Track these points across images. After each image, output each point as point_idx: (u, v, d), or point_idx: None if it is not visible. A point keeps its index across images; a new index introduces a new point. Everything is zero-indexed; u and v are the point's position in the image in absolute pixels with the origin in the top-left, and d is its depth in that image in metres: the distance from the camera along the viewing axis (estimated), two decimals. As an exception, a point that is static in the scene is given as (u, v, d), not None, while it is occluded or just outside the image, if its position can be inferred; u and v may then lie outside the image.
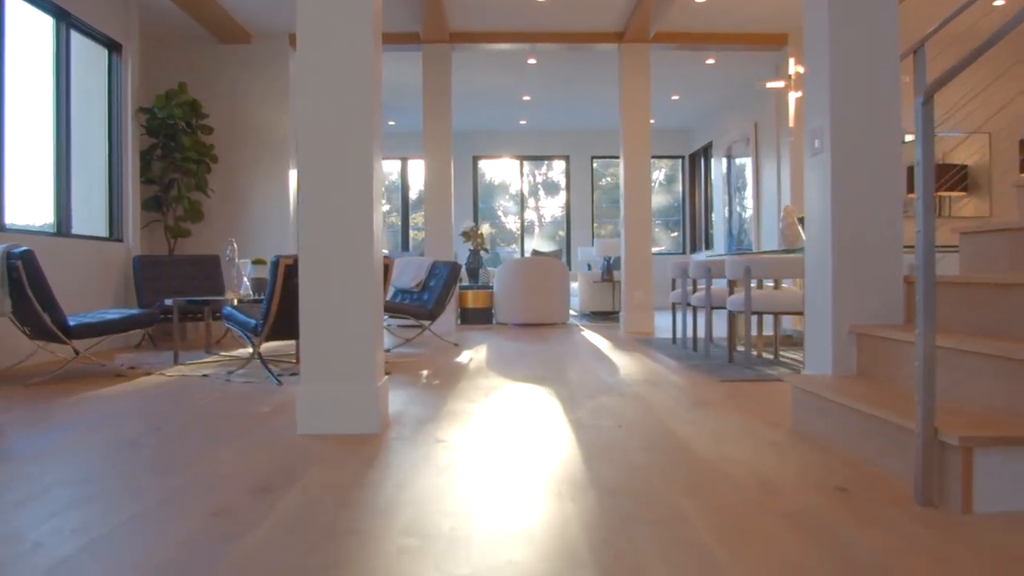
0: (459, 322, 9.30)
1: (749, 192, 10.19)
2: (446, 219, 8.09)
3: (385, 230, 14.02)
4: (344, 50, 3.03)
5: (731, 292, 5.31)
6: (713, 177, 12.23)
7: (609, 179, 13.97)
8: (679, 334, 6.92)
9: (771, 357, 5.50)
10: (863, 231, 3.09)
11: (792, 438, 2.87)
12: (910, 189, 8.43)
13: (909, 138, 8.73)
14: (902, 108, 3.12)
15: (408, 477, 2.36)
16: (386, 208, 14.00)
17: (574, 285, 10.16)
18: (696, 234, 13.43)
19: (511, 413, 3.44)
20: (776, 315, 5.28)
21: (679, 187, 13.95)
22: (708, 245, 12.80)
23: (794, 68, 5.89)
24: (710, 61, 9.14)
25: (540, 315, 8.94)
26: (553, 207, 13.99)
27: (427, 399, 3.87)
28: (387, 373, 4.85)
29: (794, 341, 6.54)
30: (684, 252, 13.69)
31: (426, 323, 6.63)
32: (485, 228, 13.88)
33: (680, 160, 13.80)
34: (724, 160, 11.49)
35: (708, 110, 11.88)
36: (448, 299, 6.56)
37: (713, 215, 12.46)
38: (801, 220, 5.50)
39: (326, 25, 3.04)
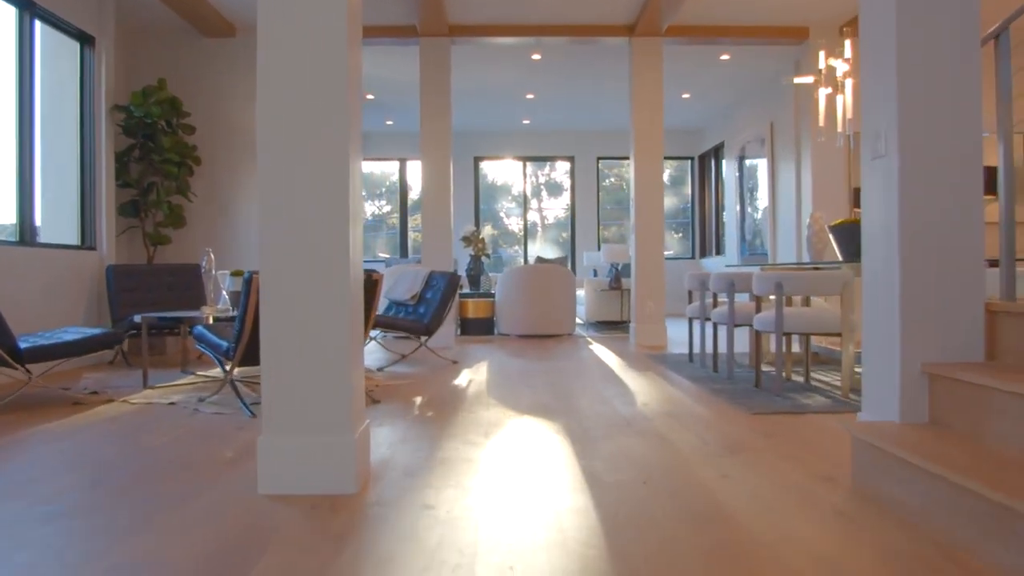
0: (459, 333, 8.80)
1: (764, 195, 9.67)
2: (445, 223, 7.59)
3: (383, 233, 13.52)
4: (313, 42, 2.53)
5: (757, 308, 4.80)
6: (724, 179, 11.72)
7: (612, 179, 13.45)
8: (696, 349, 6.41)
9: (801, 379, 4.98)
10: (937, 248, 2.59)
11: (857, 504, 2.36)
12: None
13: None
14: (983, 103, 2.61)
15: (386, 569, 1.85)
16: (387, 209, 13.50)
17: (580, 293, 9.66)
18: (706, 238, 12.91)
19: (514, 462, 2.93)
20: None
21: (688, 189, 13.43)
22: (719, 250, 12.29)
23: (824, 62, 5.38)
24: (724, 57, 8.63)
25: (545, 326, 8.44)
26: (556, 208, 13.48)
27: (418, 439, 3.36)
28: (375, 400, 4.34)
29: (822, 359, 6.03)
30: (693, 256, 13.17)
31: (422, 338, 6.12)
32: (487, 229, 13.39)
33: (689, 161, 13.29)
34: (736, 161, 10.97)
35: (720, 109, 11.37)
36: (446, 313, 6.06)
37: (724, 218, 11.94)
38: (836, 228, 5.00)
39: (291, 13, 2.53)
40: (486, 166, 13.32)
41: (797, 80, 5.71)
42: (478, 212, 13.12)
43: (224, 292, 5.42)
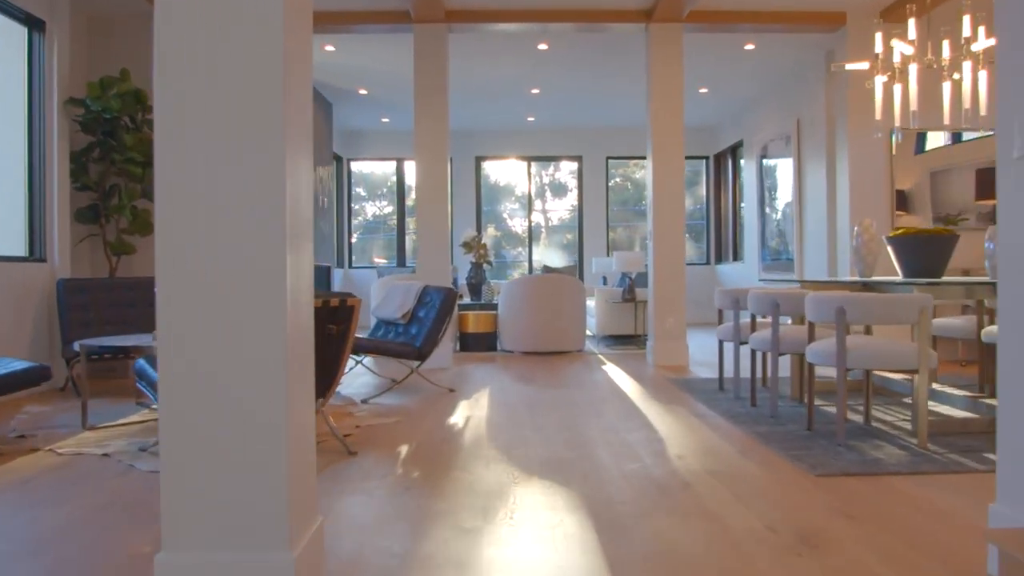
0: (458, 348, 8.04)
1: (790, 198, 8.90)
2: (442, 229, 6.83)
3: (382, 235, 12.77)
4: (234, 25, 1.78)
5: (810, 336, 4.04)
6: (744, 180, 10.95)
7: (618, 179, 12.68)
8: (724, 370, 5.65)
9: (859, 419, 4.22)
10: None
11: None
12: (980, 194, 7.16)
13: (940, 139, 7.48)
14: None
15: None
16: (388, 210, 12.75)
17: (589, 303, 8.90)
18: (722, 243, 12.14)
19: (520, 566, 2.18)
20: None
21: (702, 190, 12.66)
22: (736, 255, 11.52)
23: (881, 45, 4.62)
24: (749, 47, 7.87)
25: (552, 342, 7.68)
26: (561, 210, 12.74)
27: (397, 519, 2.61)
28: (351, 452, 3.59)
29: (878, 390, 5.26)
30: (708, 262, 12.40)
31: (415, 364, 5.37)
32: (490, 230, 12.64)
33: (704, 161, 12.52)
34: (756, 161, 10.21)
35: (740, 105, 10.60)
36: (441, 334, 5.31)
37: (743, 222, 11.18)
38: (898, 240, 4.23)
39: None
40: (488, 166, 12.56)
41: (849, 66, 4.94)
42: (480, 215, 12.36)
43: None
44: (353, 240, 12.53)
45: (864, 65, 4.70)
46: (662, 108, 6.84)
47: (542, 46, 7.80)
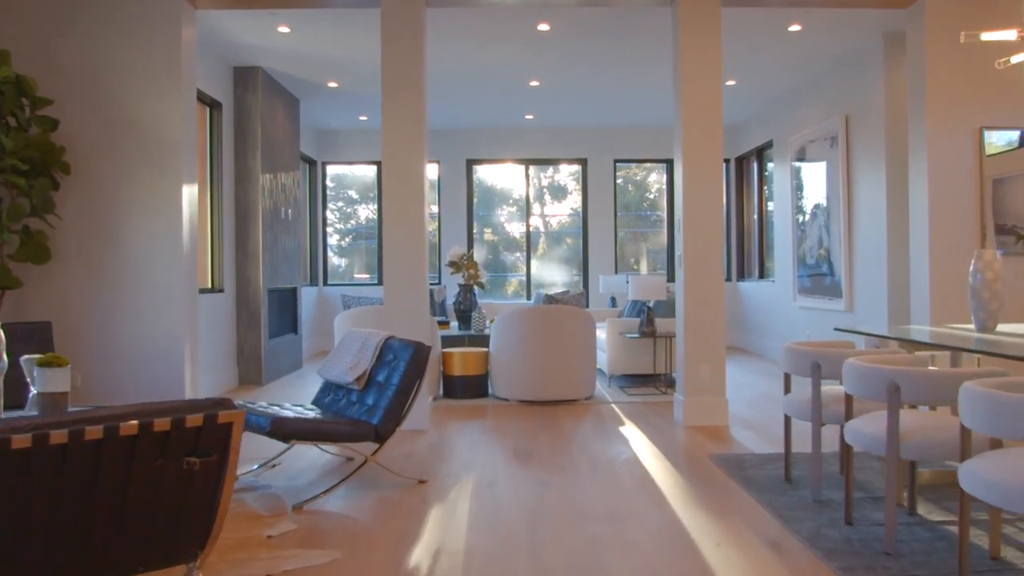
0: (441, 394, 6.64)
1: (840, 208, 7.51)
2: (416, 252, 5.43)
3: (369, 242, 11.35)
4: None
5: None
6: (774, 187, 9.56)
7: (619, 180, 11.25)
8: (789, 448, 4.24)
9: (1016, 560, 2.83)
10: None
11: None
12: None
13: (1004, 139, 6.05)
14: None
15: None
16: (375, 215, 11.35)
17: (600, 334, 7.49)
18: (745, 258, 10.74)
19: None
20: None
21: (722, 198, 11.23)
22: (763, 272, 10.13)
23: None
24: (794, 28, 6.48)
25: (555, 388, 6.28)
26: (561, 215, 11.36)
27: None
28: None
29: (925, 481, 3.86)
30: (729, 279, 10.99)
31: (370, 449, 3.95)
32: (486, 235, 11.23)
33: (723, 164, 11.09)
34: (789, 165, 8.82)
35: (773, 100, 9.20)
36: (408, 407, 3.91)
37: (771, 234, 9.79)
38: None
39: None
40: (482, 171, 11.16)
41: (988, 36, 3.55)
42: (471, 228, 10.95)
43: (32, 390, 3.27)
44: (331, 256, 11.11)
45: (1009, 34, 3.31)
46: (695, 101, 5.44)
47: (543, 26, 6.40)
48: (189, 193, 5.48)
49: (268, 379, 7.69)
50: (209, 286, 7.11)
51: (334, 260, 11.32)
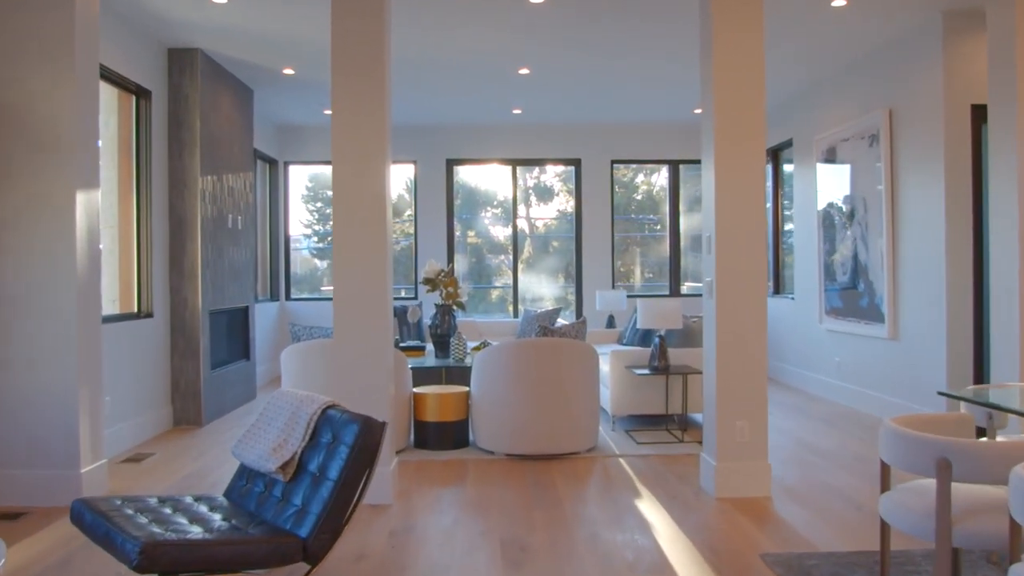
0: (411, 443, 5.48)
1: (883, 217, 6.41)
2: (376, 269, 4.28)
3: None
4: None
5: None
6: (794, 191, 8.47)
7: (620, 183, 10.16)
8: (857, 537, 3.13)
9: None
10: None
11: None
12: None
13: None
14: None
15: None
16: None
17: (602, 367, 6.33)
18: (757, 269, 9.64)
19: None
20: None
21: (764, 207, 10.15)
22: (779, 287, 9.04)
23: None
24: (838, 3, 5.38)
25: (551, 439, 5.14)
26: (546, 216, 10.28)
27: None
28: None
29: (995, 560, 2.75)
30: (738, 293, 9.88)
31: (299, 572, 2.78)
32: (470, 237, 10.07)
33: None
34: (813, 168, 7.73)
35: (796, 91, 8.10)
36: (352, 509, 2.75)
37: (789, 245, 8.72)
38: None
39: None
40: (464, 172, 10.00)
41: None
42: (451, 236, 9.78)
43: None
44: (313, 260, 9.91)
45: None
46: (731, 85, 4.30)
47: (536, -2, 5.26)
48: (86, 200, 4.30)
49: (210, 417, 6.49)
50: (135, 311, 5.91)
51: (315, 262, 10.18)
